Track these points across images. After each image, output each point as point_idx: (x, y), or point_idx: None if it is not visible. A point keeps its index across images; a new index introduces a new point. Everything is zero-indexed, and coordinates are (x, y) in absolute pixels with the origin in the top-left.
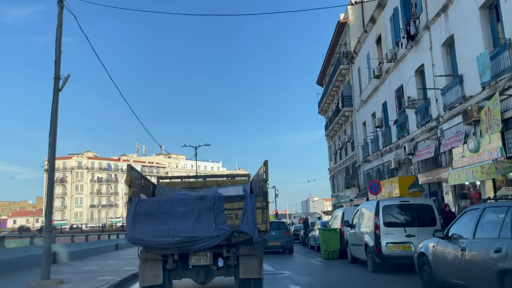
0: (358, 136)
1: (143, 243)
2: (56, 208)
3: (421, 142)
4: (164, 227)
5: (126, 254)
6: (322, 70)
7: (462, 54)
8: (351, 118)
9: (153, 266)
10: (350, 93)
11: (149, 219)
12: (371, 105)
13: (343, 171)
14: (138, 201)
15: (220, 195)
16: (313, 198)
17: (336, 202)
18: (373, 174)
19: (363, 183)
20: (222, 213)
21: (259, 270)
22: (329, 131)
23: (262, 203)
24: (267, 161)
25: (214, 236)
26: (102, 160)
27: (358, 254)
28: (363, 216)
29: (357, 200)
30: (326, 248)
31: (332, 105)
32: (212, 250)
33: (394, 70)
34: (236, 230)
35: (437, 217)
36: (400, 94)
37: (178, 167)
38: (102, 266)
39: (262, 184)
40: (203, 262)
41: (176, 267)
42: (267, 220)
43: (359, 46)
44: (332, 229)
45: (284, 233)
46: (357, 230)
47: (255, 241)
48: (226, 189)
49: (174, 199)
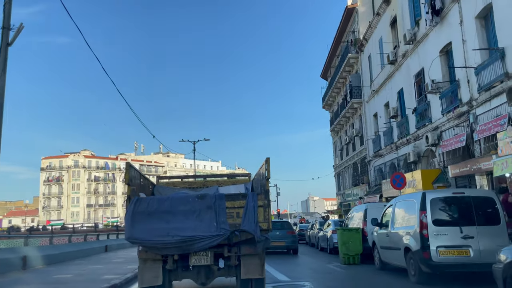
0: (368, 129)
1: (142, 243)
2: (53, 207)
3: (448, 130)
4: (164, 226)
5: (115, 256)
6: (327, 61)
7: (503, 24)
8: (360, 110)
9: (152, 266)
10: (359, 83)
11: (148, 218)
12: (384, 95)
13: (350, 167)
14: (137, 199)
15: (221, 193)
16: (313, 197)
17: (342, 200)
18: (386, 169)
19: (374, 179)
20: (223, 212)
21: (261, 270)
22: (335, 126)
23: (264, 201)
24: (268, 158)
25: (215, 235)
26: (99, 159)
27: (392, 259)
28: (400, 213)
29: (368, 198)
30: (346, 251)
31: (338, 98)
32: (213, 250)
33: (412, 53)
34: (238, 229)
35: (501, 213)
36: (420, 79)
37: (177, 166)
38: (78, 274)
39: (264, 182)
40: (204, 262)
41: (176, 267)
42: (269, 219)
43: (369, 32)
44: (353, 229)
45: (288, 233)
46: (390, 230)
47: (257, 240)
48: (227, 188)
49: (174, 197)
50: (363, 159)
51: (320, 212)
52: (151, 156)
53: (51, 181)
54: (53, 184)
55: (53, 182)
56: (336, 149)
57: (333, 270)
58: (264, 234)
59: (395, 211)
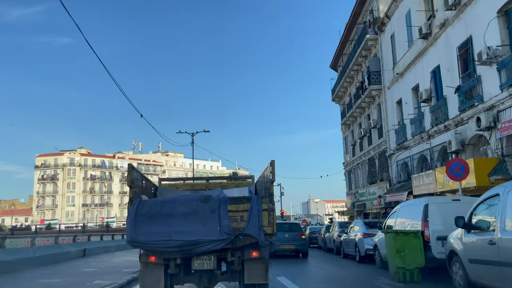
0: (388, 119)
1: (144, 246)
2: (47, 206)
3: (509, 109)
4: (166, 229)
5: (89, 264)
6: (339, 48)
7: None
8: (379, 98)
9: (154, 270)
10: (378, 68)
11: (150, 221)
12: (411, 77)
13: (365, 164)
14: (139, 202)
15: (225, 197)
16: (314, 199)
17: (355, 200)
18: (413, 164)
19: (397, 175)
20: (227, 215)
21: (265, 275)
22: (347, 119)
23: (269, 205)
24: (273, 161)
25: (219, 239)
26: (95, 157)
27: (500, 281)
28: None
29: (391, 197)
30: (402, 264)
31: (350, 88)
32: (216, 254)
33: (456, 20)
34: (242, 233)
35: None
36: (466, 50)
37: (176, 165)
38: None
39: (268, 185)
40: (207, 266)
41: (178, 271)
42: (273, 223)
43: (393, 6)
44: (409, 233)
45: (298, 235)
46: (500, 236)
47: (261, 244)
48: (231, 191)
49: (177, 200)
50: (381, 154)
51: (321, 214)
52: (149, 155)
53: (45, 179)
54: (47, 182)
55: (48, 181)
56: (347, 144)
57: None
58: (269, 239)
59: (508, 204)
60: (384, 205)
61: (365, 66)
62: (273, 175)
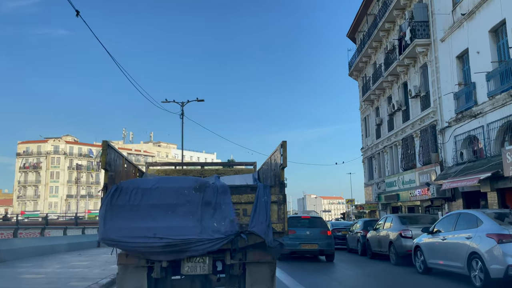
0: (441, 81)
1: (120, 245)
2: (29, 197)
3: None
4: (150, 224)
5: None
6: (361, 9)
7: None
8: (425, 57)
9: (135, 274)
10: (425, 17)
11: (130, 214)
12: (489, 13)
13: (396, 146)
14: (115, 189)
15: (224, 185)
16: (310, 195)
17: (380, 191)
18: (491, 135)
19: (454, 154)
20: (226, 208)
21: (270, 283)
22: (372, 92)
23: (279, 196)
24: (285, 142)
25: (216, 238)
26: (82, 145)
27: None
28: None
29: (450, 183)
30: None
31: (376, 55)
32: (211, 256)
33: None
34: (245, 231)
35: None
36: None
37: (168, 157)
38: None
39: (278, 172)
40: (200, 270)
41: (165, 275)
42: (284, 218)
43: None
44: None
45: (322, 232)
46: None
47: (268, 245)
48: (231, 178)
49: (164, 188)
50: (426, 130)
51: (318, 210)
52: (140, 145)
53: (27, 168)
54: (29, 171)
55: (30, 169)
56: (368, 126)
57: None
58: (278, 238)
59: None
60: (436, 195)
61: (403, 20)
62: (285, 159)
